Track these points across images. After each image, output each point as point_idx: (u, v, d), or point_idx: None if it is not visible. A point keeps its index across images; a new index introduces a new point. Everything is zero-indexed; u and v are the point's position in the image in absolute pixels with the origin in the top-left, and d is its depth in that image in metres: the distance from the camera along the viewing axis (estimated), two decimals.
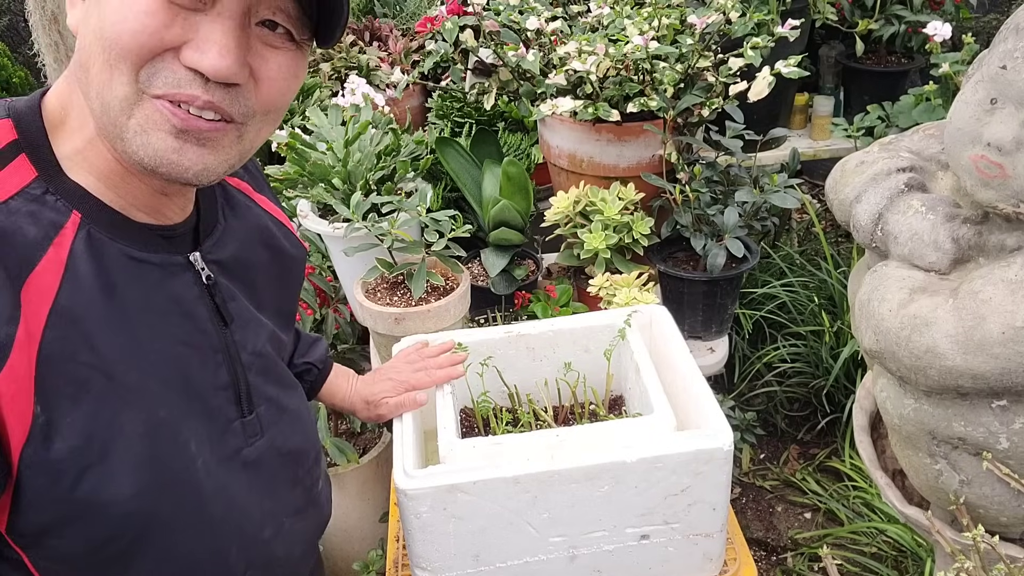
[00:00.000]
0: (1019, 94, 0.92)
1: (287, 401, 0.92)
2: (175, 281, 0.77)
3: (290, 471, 0.92)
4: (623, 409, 1.30)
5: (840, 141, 2.44)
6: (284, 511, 0.91)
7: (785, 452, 2.47)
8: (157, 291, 0.75)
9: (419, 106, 2.67)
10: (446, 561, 1.08)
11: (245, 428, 0.84)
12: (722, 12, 1.67)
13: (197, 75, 0.66)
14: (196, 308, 0.79)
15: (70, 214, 0.69)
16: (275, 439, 0.88)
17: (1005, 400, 0.98)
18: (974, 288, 0.97)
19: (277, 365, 0.92)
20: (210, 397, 0.80)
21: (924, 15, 2.30)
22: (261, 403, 0.86)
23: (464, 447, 1.06)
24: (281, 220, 0.97)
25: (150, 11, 0.64)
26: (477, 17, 1.83)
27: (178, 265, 0.78)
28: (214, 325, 0.81)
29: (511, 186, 1.80)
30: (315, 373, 1.17)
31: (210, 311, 0.80)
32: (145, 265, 0.74)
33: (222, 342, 0.81)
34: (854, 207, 1.16)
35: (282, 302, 0.97)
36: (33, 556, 0.72)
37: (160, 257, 0.76)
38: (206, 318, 0.80)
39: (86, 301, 0.69)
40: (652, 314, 1.32)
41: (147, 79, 0.66)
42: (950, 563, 0.91)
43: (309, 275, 1.88)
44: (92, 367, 0.69)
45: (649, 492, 1.06)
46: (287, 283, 0.98)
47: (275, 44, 0.71)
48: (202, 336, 0.79)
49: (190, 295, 0.79)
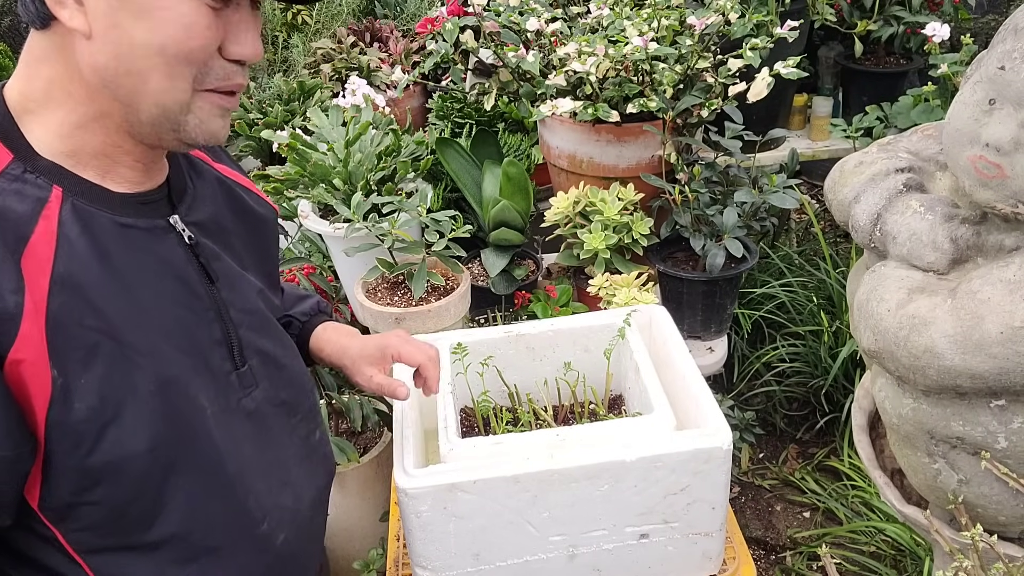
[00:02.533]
0: (1017, 94, 0.92)
1: (279, 354, 0.94)
2: (162, 244, 0.80)
3: (285, 420, 0.95)
4: (623, 408, 1.31)
5: (839, 142, 2.45)
6: (287, 460, 0.94)
7: (784, 451, 2.47)
8: (148, 254, 0.78)
9: (419, 107, 2.67)
10: (446, 560, 1.08)
11: (241, 380, 0.87)
12: (721, 13, 1.68)
13: (238, 64, 0.75)
14: (186, 269, 0.82)
15: (51, 189, 0.72)
16: (268, 390, 0.91)
17: (1003, 400, 0.99)
18: (972, 288, 0.97)
19: (269, 322, 0.94)
20: (209, 352, 0.83)
21: (923, 16, 2.31)
22: (252, 356, 0.89)
23: (465, 446, 1.06)
24: (244, 184, 0.99)
25: (208, 24, 0.71)
26: (477, 18, 1.84)
27: (162, 228, 0.81)
28: (203, 285, 0.84)
29: (511, 186, 1.81)
30: (296, 327, 1.15)
31: (197, 271, 0.83)
32: (132, 230, 0.77)
33: (212, 300, 0.84)
34: (853, 207, 1.16)
35: (262, 262, 0.99)
36: (64, 530, 0.76)
37: (145, 222, 0.79)
38: (195, 278, 0.83)
39: (83, 267, 0.72)
40: (651, 314, 1.32)
41: (201, 79, 0.73)
42: (949, 562, 0.92)
43: (309, 275, 1.88)
44: (99, 331, 0.72)
45: (648, 491, 1.06)
46: (262, 243, 1.00)
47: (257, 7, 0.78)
48: (194, 297, 0.82)
49: (178, 257, 0.81)
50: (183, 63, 0.71)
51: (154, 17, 0.69)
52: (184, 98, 0.73)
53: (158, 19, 0.69)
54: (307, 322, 1.16)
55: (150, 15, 0.69)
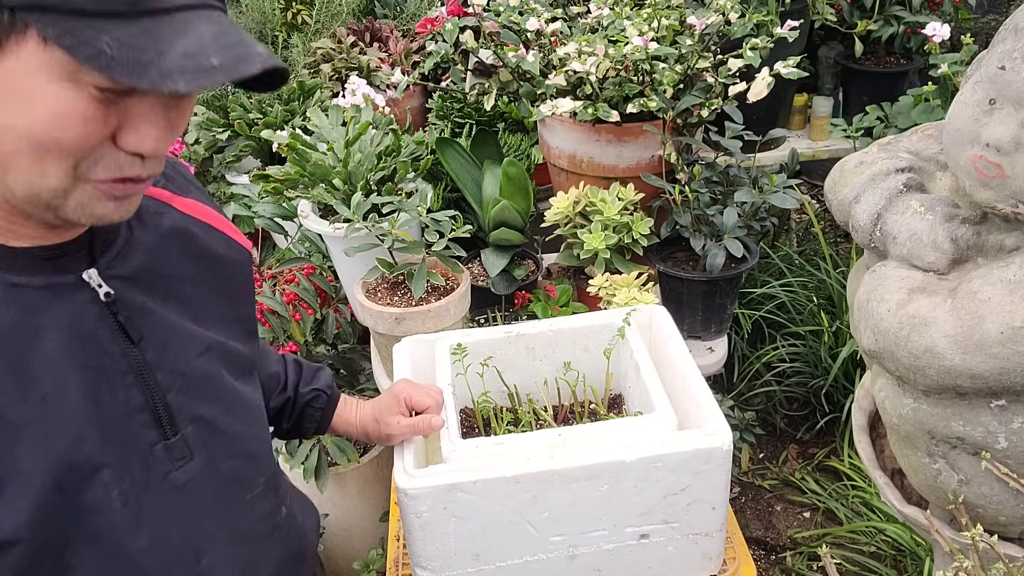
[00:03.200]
0: (1017, 94, 0.92)
1: (224, 422, 0.86)
2: (65, 302, 0.73)
3: (235, 493, 0.88)
4: (623, 408, 1.31)
5: (839, 142, 2.45)
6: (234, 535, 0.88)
7: (784, 451, 2.47)
8: (44, 316, 0.71)
9: (419, 107, 2.67)
10: (446, 560, 1.08)
11: (170, 450, 0.80)
12: (721, 13, 1.68)
13: (136, 155, 0.66)
14: (98, 329, 0.74)
15: None
16: (208, 461, 0.84)
17: (1004, 400, 0.98)
18: (973, 288, 0.97)
19: (214, 383, 0.85)
20: (125, 421, 0.76)
21: (923, 16, 2.31)
22: (186, 424, 0.81)
23: (467, 447, 1.06)
24: (210, 223, 0.91)
25: (89, 116, 0.62)
26: (477, 18, 1.83)
27: (67, 286, 0.73)
28: (120, 344, 0.76)
29: (511, 186, 1.81)
30: (324, 399, 1.14)
31: (114, 330, 0.75)
32: (25, 290, 0.70)
33: (130, 362, 0.76)
34: (853, 207, 1.16)
35: (229, 308, 0.91)
36: None
37: (43, 280, 0.72)
38: (109, 338, 0.75)
39: None
40: (651, 314, 1.32)
41: (87, 169, 0.65)
42: (949, 562, 0.91)
43: (309, 275, 1.88)
44: None
45: (649, 491, 1.06)
46: (228, 289, 0.91)
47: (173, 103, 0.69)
48: (107, 358, 0.75)
49: (88, 315, 0.74)
50: (54, 153, 0.63)
51: (23, 100, 0.61)
52: (58, 185, 0.64)
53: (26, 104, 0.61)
54: (332, 394, 1.16)
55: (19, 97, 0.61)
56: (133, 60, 0.59)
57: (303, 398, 1.13)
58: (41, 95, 0.61)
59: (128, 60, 0.59)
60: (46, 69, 0.60)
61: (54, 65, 0.60)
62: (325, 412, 1.15)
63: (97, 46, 0.58)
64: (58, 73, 0.60)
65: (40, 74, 0.60)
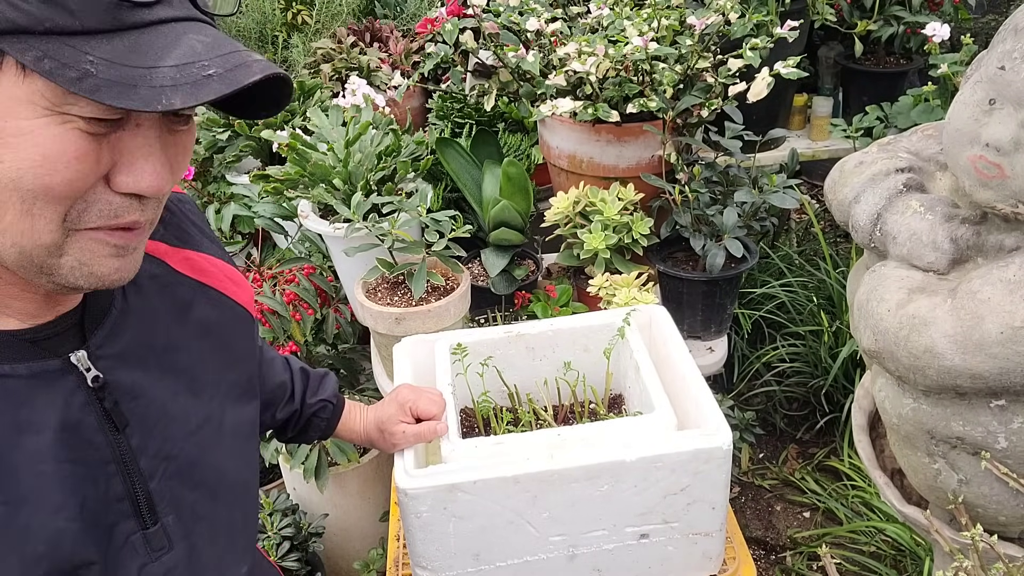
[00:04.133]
0: (1017, 94, 0.92)
1: (211, 507, 0.80)
2: (51, 391, 0.66)
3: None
4: (623, 408, 1.31)
5: (839, 142, 2.45)
6: None
7: (784, 451, 2.47)
8: (27, 408, 0.65)
9: (419, 107, 2.67)
10: (446, 560, 1.08)
11: (148, 541, 0.74)
12: (721, 13, 1.68)
13: (133, 197, 0.60)
14: (83, 418, 0.68)
15: None
16: (193, 550, 0.78)
17: (1003, 400, 0.99)
18: (972, 288, 0.97)
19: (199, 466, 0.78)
20: (105, 513, 0.70)
21: (923, 16, 2.31)
22: (169, 512, 0.75)
23: (467, 447, 1.06)
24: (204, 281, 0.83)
25: (80, 155, 0.56)
26: (477, 18, 1.83)
27: (53, 372, 0.66)
28: (105, 433, 0.69)
29: (511, 186, 1.81)
30: (330, 410, 1.13)
31: (99, 417, 0.69)
32: (9, 380, 0.64)
33: (114, 451, 0.70)
34: (853, 207, 1.16)
35: (230, 373, 0.84)
36: None
37: (27, 367, 0.65)
38: (94, 427, 0.69)
39: None
40: (651, 314, 1.32)
41: (77, 217, 0.59)
42: (949, 562, 0.92)
43: (310, 275, 1.88)
44: None
45: (648, 491, 1.06)
46: (226, 352, 0.84)
47: (179, 127, 0.64)
48: (91, 449, 0.69)
49: (74, 403, 0.67)
50: (44, 201, 0.56)
51: (6, 144, 0.54)
52: (50, 240, 0.58)
53: (10, 147, 0.54)
54: (338, 403, 1.15)
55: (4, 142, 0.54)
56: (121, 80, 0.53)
57: (309, 409, 1.12)
58: (24, 136, 0.54)
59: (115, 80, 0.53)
60: (27, 104, 0.54)
61: (36, 98, 0.54)
62: (331, 421, 1.14)
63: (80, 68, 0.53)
64: (41, 108, 0.54)
65: (20, 111, 0.54)
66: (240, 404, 0.86)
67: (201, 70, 0.56)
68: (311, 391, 1.12)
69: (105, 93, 0.53)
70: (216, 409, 0.81)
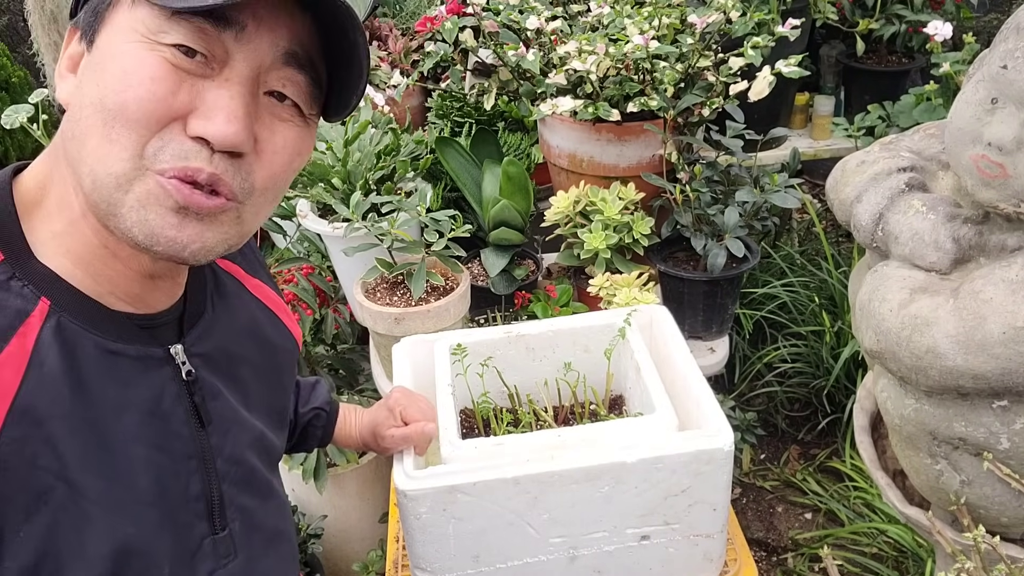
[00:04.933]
0: (1020, 94, 0.92)
1: (264, 517, 0.82)
2: (152, 377, 0.70)
3: None
4: (623, 408, 1.30)
5: (841, 141, 2.44)
6: None
7: (785, 452, 2.46)
8: (132, 388, 0.68)
9: (419, 106, 2.66)
10: (446, 562, 1.08)
11: (217, 547, 0.74)
12: (722, 12, 1.67)
13: (203, 146, 0.62)
14: (173, 407, 0.71)
15: (38, 301, 0.63)
16: (251, 560, 0.79)
17: (1006, 400, 0.98)
18: (975, 288, 0.97)
19: (256, 475, 0.81)
20: (181, 510, 0.71)
21: (925, 15, 2.30)
22: (235, 518, 0.77)
23: (467, 448, 1.06)
24: (271, 307, 0.89)
25: (157, 76, 0.59)
26: (477, 17, 1.83)
27: (156, 359, 0.70)
28: (190, 427, 0.72)
29: (511, 186, 1.80)
30: (324, 417, 1.13)
31: (187, 411, 0.72)
32: (121, 358, 0.67)
33: (197, 446, 0.72)
34: (855, 207, 1.16)
35: (274, 399, 0.88)
36: None
37: (137, 349, 0.68)
38: (182, 419, 0.71)
39: (51, 399, 0.62)
40: (652, 314, 1.32)
41: (153, 154, 0.61)
42: (951, 564, 0.91)
43: (308, 275, 1.88)
44: (54, 474, 0.62)
45: (649, 493, 1.05)
46: (278, 377, 0.88)
47: (282, 116, 0.66)
48: (177, 440, 0.71)
49: (168, 393, 0.70)
50: (121, 123, 0.59)
51: (103, 68, 0.60)
52: (120, 168, 0.60)
53: (104, 70, 0.60)
54: (331, 411, 1.15)
55: (101, 67, 0.60)
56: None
57: (303, 418, 1.12)
58: (116, 58, 0.60)
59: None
60: (129, 31, 0.60)
61: (136, 24, 0.60)
62: (326, 428, 1.15)
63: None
64: (139, 34, 0.60)
65: (123, 37, 0.60)
66: (277, 432, 0.89)
67: None
68: (302, 401, 1.12)
69: None
70: (262, 430, 0.84)
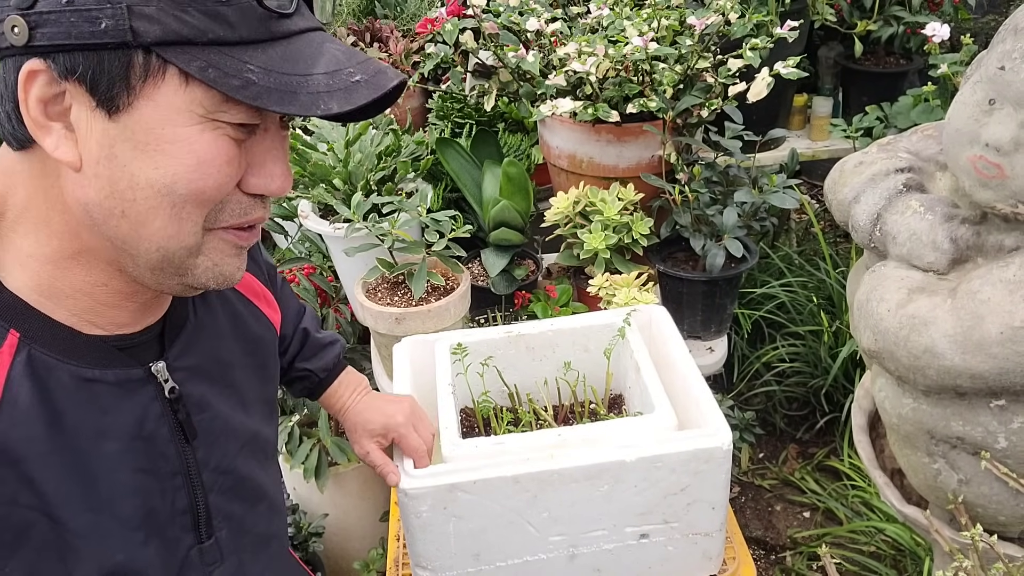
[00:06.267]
0: (1017, 95, 0.92)
1: (254, 521, 0.82)
2: (133, 399, 0.68)
3: None
4: (623, 408, 1.31)
5: (839, 142, 2.44)
6: None
7: (784, 451, 2.47)
8: (112, 414, 0.66)
9: (419, 107, 2.67)
10: (446, 560, 1.08)
11: (203, 556, 0.75)
12: (721, 13, 1.68)
13: (258, 197, 0.64)
14: (157, 427, 0.70)
15: (7, 334, 0.61)
16: (241, 565, 0.80)
17: (1003, 400, 0.99)
18: (972, 288, 0.97)
19: (245, 482, 0.81)
20: (168, 526, 0.71)
21: (922, 16, 2.31)
22: (222, 526, 0.77)
23: (467, 447, 1.06)
24: (249, 296, 0.87)
25: (230, 159, 0.59)
26: (477, 19, 1.83)
27: (136, 380, 0.68)
28: (176, 444, 0.71)
29: (511, 186, 1.81)
30: (315, 381, 1.10)
31: (172, 428, 0.71)
32: (98, 385, 0.65)
33: (182, 463, 0.72)
34: (853, 207, 1.16)
35: (266, 392, 0.87)
36: None
37: (115, 373, 0.67)
38: (167, 438, 0.70)
39: (25, 436, 0.60)
40: (651, 314, 1.32)
41: (214, 217, 0.62)
42: (949, 562, 0.91)
43: (310, 275, 1.88)
44: (34, 509, 0.61)
45: (649, 491, 1.06)
46: (263, 370, 0.87)
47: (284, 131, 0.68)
48: (162, 460, 0.70)
49: (151, 413, 0.69)
50: (194, 204, 0.59)
51: (162, 151, 0.57)
52: (192, 241, 0.61)
53: (166, 154, 0.57)
54: (324, 378, 1.11)
55: (157, 149, 0.57)
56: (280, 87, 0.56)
57: (294, 372, 1.09)
58: (180, 143, 0.57)
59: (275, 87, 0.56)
60: (185, 112, 0.56)
61: (193, 106, 0.56)
62: (312, 392, 1.11)
63: (242, 76, 0.55)
64: (197, 116, 0.57)
65: (179, 119, 0.57)
66: (269, 424, 0.88)
67: (349, 76, 0.59)
68: (303, 356, 1.08)
69: (267, 99, 0.56)
70: (257, 427, 0.84)
